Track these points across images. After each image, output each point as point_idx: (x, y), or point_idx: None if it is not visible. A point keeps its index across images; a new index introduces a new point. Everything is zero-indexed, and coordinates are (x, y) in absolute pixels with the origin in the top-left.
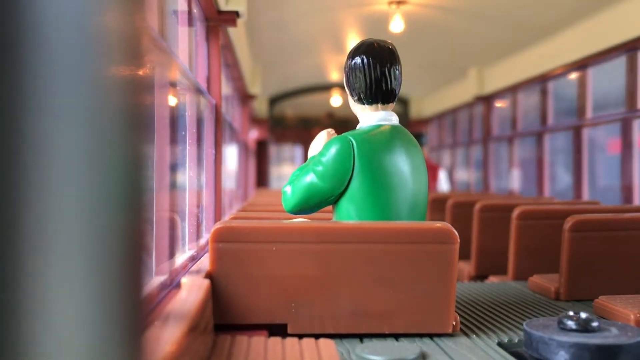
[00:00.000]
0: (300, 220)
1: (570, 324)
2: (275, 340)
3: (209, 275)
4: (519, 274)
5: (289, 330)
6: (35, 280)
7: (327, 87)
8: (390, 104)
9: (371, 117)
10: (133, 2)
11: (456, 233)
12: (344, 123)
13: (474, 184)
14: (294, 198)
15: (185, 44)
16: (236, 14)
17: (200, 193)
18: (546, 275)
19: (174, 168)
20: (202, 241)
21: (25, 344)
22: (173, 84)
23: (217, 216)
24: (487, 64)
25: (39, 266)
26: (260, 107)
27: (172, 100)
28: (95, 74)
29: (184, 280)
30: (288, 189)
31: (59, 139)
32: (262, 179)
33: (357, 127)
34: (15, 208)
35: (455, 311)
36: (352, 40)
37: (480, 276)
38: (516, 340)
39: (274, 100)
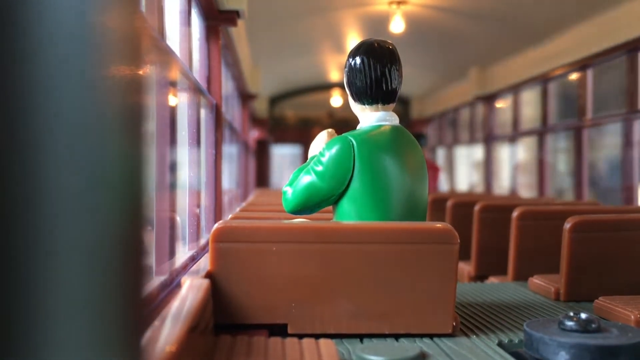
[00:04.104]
0: (300, 220)
1: (571, 324)
2: (276, 340)
3: (209, 275)
4: (519, 275)
5: (289, 330)
6: (34, 280)
7: (327, 87)
8: (391, 104)
9: (371, 117)
10: (133, 1)
11: (456, 233)
12: (344, 123)
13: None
14: (294, 198)
15: (185, 44)
16: (237, 13)
17: (200, 193)
18: (546, 275)
19: (174, 168)
20: (202, 241)
21: (25, 344)
22: (173, 84)
23: (217, 216)
24: (487, 63)
25: (38, 266)
26: (261, 107)
27: (172, 100)
28: (94, 73)
29: (184, 280)
30: (288, 190)
31: (58, 138)
32: (262, 179)
33: (358, 127)
34: (14, 208)
35: (455, 311)
36: (353, 40)
37: (480, 276)
38: (516, 341)
39: (274, 100)
